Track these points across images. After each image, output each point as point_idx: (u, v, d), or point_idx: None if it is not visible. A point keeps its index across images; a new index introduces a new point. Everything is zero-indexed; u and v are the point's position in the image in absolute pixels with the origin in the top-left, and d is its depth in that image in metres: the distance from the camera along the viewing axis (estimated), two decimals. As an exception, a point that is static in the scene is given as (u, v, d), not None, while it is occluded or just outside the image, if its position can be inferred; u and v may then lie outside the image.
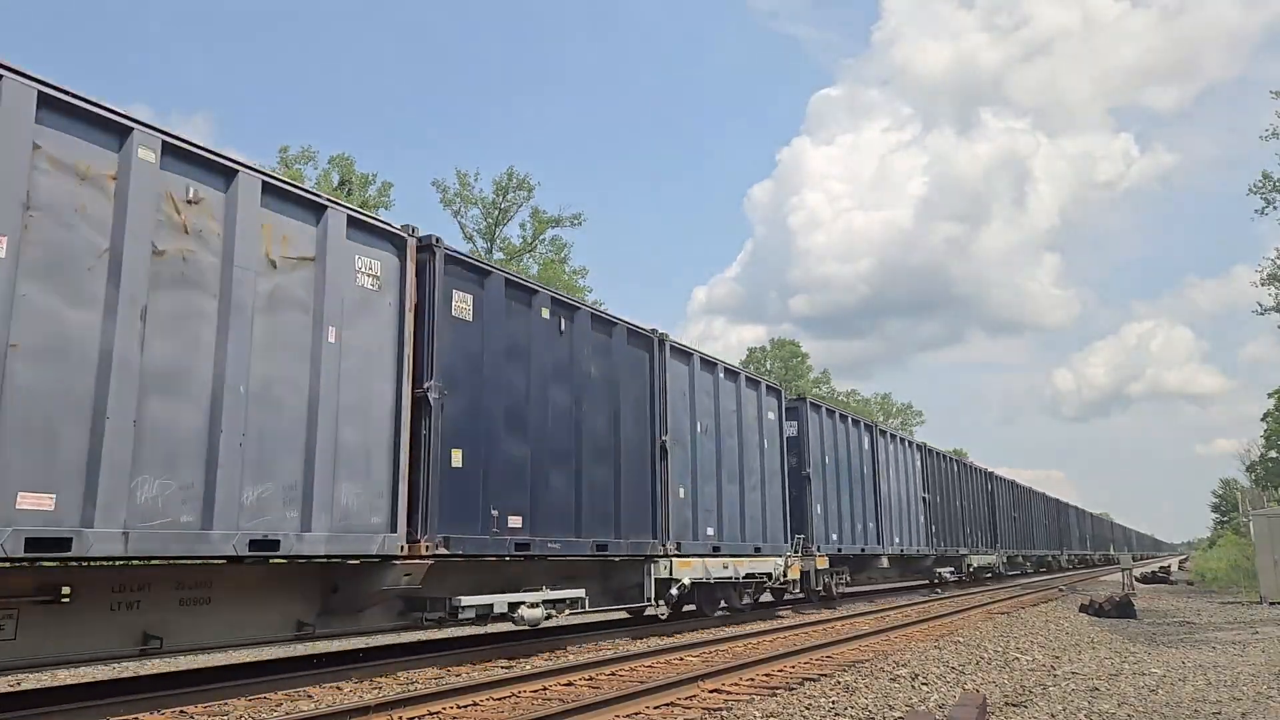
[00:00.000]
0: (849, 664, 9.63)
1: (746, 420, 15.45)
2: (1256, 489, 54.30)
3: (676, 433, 13.21)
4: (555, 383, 10.71)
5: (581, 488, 10.95)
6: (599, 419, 11.49)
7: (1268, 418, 58.53)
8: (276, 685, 7.74)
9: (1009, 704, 7.45)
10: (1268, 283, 32.48)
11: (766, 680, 8.53)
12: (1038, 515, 40.38)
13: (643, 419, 12.50)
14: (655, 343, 13.07)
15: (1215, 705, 7.53)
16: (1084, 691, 8.15)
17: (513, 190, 41.98)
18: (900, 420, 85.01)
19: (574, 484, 10.83)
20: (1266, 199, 31.66)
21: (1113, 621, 16.55)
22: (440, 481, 8.75)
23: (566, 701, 7.03)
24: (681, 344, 13.81)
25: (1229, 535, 61.86)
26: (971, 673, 9.20)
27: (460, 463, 9.04)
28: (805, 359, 70.09)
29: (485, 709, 7.02)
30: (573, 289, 39.46)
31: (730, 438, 14.84)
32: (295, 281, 7.64)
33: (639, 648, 11.08)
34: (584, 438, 11.11)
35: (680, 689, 7.74)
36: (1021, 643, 12.16)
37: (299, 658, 10.51)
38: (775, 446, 16.57)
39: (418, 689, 7.64)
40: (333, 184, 37.08)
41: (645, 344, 12.86)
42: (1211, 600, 23.98)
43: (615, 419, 11.82)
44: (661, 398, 12.91)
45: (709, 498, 13.93)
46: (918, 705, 7.23)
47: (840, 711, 6.96)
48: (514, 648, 10.68)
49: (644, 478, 12.36)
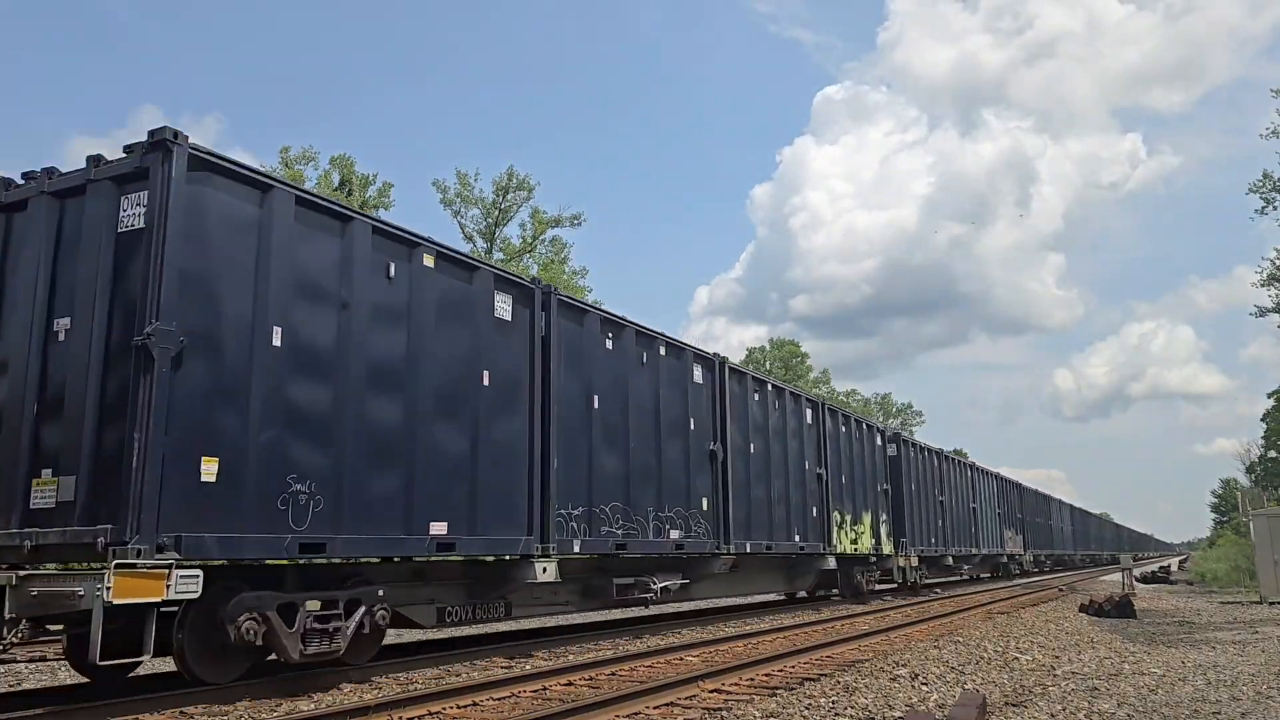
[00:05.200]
0: (849, 664, 9.63)
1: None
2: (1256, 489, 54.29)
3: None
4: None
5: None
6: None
7: (1268, 418, 58.56)
8: (276, 685, 7.73)
9: (1009, 704, 7.45)
10: (1267, 284, 32.50)
11: (766, 680, 8.53)
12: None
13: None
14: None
15: (1215, 705, 7.53)
16: (1084, 691, 8.15)
17: (513, 190, 42.02)
18: (900, 420, 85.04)
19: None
20: (1266, 199, 31.69)
21: (1112, 621, 16.56)
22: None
23: (566, 701, 7.03)
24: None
25: (1229, 535, 61.84)
26: (971, 672, 9.20)
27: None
28: (805, 359, 70.17)
29: (485, 709, 7.02)
30: (574, 289, 39.44)
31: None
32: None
33: (639, 647, 11.07)
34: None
35: (680, 689, 7.74)
36: (1021, 642, 12.16)
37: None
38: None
39: (417, 689, 7.64)
40: (333, 184, 37.07)
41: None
42: (1211, 600, 23.98)
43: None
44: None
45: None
46: (918, 705, 7.23)
47: (840, 711, 6.96)
48: (514, 648, 10.68)
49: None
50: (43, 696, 7.42)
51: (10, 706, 6.64)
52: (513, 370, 10.24)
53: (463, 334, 9.56)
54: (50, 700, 7.01)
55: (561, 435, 10.84)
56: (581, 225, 43.52)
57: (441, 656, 9.74)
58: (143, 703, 6.76)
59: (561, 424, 10.88)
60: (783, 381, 21.11)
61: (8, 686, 8.61)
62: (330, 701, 7.22)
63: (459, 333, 9.52)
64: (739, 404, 15.34)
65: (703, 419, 14.25)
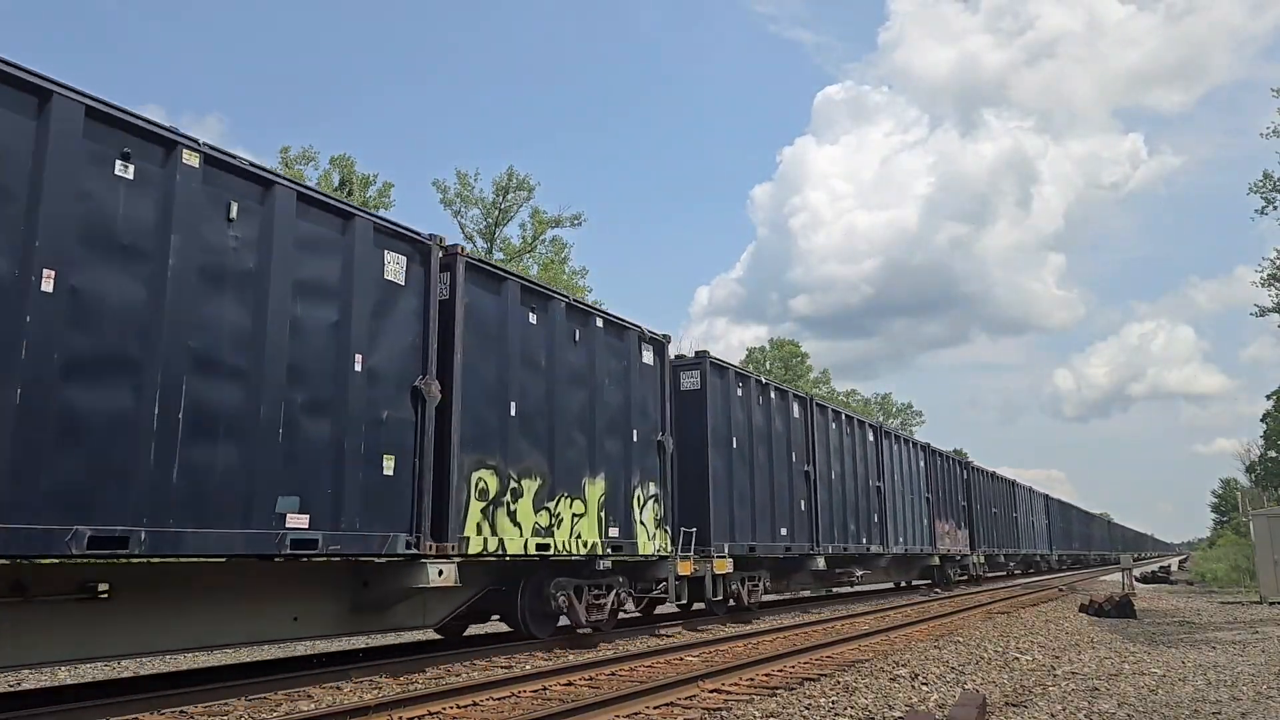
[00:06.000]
0: (849, 664, 9.62)
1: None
2: (1256, 489, 54.31)
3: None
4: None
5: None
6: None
7: (1268, 418, 58.56)
8: (276, 685, 7.73)
9: (1009, 704, 7.45)
10: (1267, 284, 32.49)
11: (766, 680, 8.53)
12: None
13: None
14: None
15: (1215, 705, 7.53)
16: (1084, 691, 8.15)
17: (513, 190, 42.00)
18: (900, 420, 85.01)
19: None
20: (1267, 198, 31.68)
21: (1113, 621, 16.54)
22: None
23: (566, 701, 7.02)
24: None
25: (1229, 535, 61.88)
26: (971, 673, 9.20)
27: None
28: (805, 359, 70.13)
29: (485, 709, 7.02)
30: (574, 289, 39.42)
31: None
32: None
33: (639, 647, 11.07)
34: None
35: (680, 689, 7.73)
36: (1021, 643, 12.16)
37: (299, 658, 10.51)
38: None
39: (417, 689, 7.64)
40: (333, 184, 37.07)
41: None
42: (1211, 600, 23.97)
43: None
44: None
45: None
46: (918, 705, 7.23)
47: (840, 711, 6.96)
48: (514, 647, 10.68)
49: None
50: (43, 696, 7.42)
51: (10, 706, 6.64)
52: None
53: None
54: (50, 700, 7.01)
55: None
56: (581, 225, 43.58)
57: (441, 656, 9.74)
58: (143, 703, 6.76)
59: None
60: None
61: (8, 686, 8.61)
62: (330, 701, 7.21)
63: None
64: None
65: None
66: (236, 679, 7.87)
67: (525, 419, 10.29)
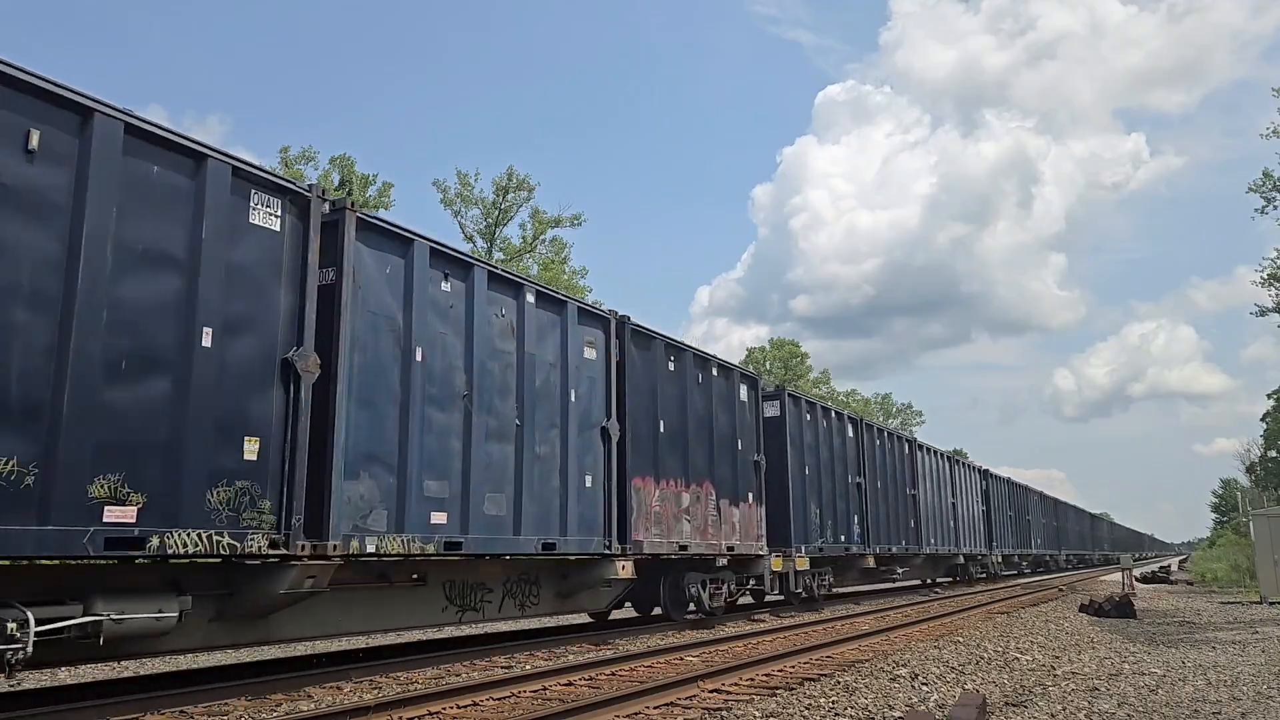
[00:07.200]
0: (849, 664, 9.62)
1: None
2: (1256, 489, 54.30)
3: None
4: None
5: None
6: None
7: (1268, 418, 58.53)
8: (276, 685, 7.73)
9: (1009, 704, 7.45)
10: (1267, 283, 32.50)
11: (766, 680, 8.53)
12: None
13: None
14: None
15: (1215, 705, 7.53)
16: (1084, 691, 8.15)
17: (513, 190, 41.97)
18: (900, 420, 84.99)
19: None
20: (1267, 198, 31.69)
21: (1112, 621, 16.54)
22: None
23: (566, 701, 7.02)
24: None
25: (1229, 535, 61.85)
26: (971, 673, 9.20)
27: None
28: (805, 359, 70.10)
29: (485, 709, 7.02)
30: (574, 289, 39.43)
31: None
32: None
33: (639, 647, 11.07)
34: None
35: (680, 689, 7.73)
36: (1021, 643, 12.16)
37: (299, 658, 10.51)
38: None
39: (417, 689, 7.64)
40: (333, 184, 37.05)
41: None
42: (1211, 600, 23.97)
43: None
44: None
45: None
46: (918, 705, 7.23)
47: (840, 711, 6.96)
48: (513, 647, 10.68)
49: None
50: (43, 696, 7.41)
51: (10, 706, 6.64)
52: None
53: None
54: (50, 700, 7.01)
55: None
56: (581, 225, 43.46)
57: (441, 656, 9.74)
58: (143, 703, 6.76)
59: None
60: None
61: (8, 686, 8.60)
62: (330, 701, 7.21)
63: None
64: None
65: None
66: (237, 679, 7.87)
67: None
